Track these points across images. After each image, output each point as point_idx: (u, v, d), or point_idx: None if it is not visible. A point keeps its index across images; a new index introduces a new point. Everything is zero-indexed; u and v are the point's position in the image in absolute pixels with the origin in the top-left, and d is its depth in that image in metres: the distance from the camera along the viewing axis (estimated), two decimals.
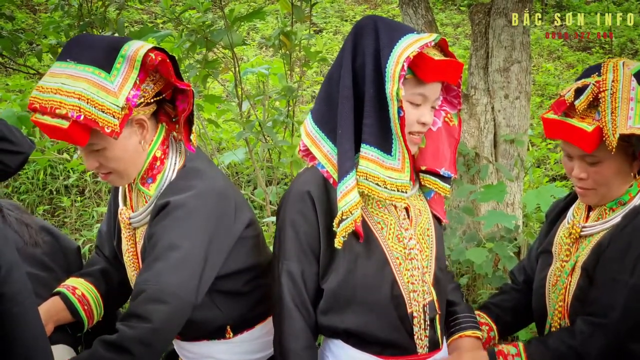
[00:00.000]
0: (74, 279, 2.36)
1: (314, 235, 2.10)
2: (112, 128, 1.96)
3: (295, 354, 2.10)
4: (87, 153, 2.08)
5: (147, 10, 7.85)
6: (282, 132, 4.89)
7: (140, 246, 2.18)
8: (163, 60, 2.03)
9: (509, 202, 4.16)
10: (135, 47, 2.02)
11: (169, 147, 2.18)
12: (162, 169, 2.15)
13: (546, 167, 7.03)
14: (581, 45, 10.38)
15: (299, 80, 4.71)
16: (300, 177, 2.19)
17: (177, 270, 2.02)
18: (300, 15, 4.23)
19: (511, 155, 4.13)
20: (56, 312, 2.26)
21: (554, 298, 2.26)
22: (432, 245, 2.20)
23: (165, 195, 2.11)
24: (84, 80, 1.96)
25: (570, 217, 2.32)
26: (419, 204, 2.21)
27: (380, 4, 11.90)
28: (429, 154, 2.17)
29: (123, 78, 2.00)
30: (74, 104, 1.94)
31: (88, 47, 2.04)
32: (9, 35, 4.89)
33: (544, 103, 8.44)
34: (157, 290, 2.00)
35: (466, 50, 8.94)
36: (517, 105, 4.10)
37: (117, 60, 2.01)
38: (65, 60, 2.02)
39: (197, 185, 2.11)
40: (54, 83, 1.98)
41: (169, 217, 2.06)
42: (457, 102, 2.22)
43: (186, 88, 2.09)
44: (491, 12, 4.11)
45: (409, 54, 1.96)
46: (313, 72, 8.83)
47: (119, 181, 2.17)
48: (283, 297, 2.11)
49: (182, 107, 2.13)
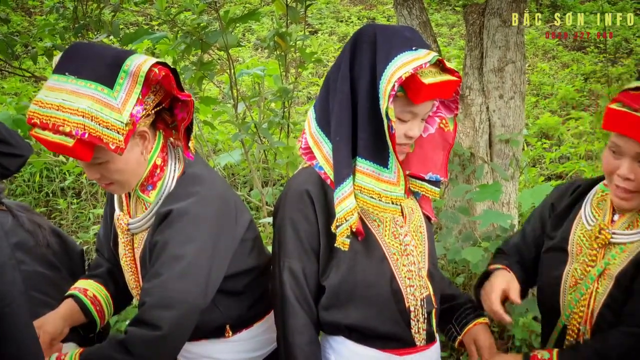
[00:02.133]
0: (84, 281, 2.38)
1: (314, 234, 2.13)
2: (117, 144, 1.94)
3: (300, 348, 2.13)
4: (88, 165, 2.06)
5: (142, 12, 7.84)
6: (277, 133, 4.90)
7: (140, 251, 2.18)
8: (166, 75, 2.02)
9: (504, 202, 4.17)
10: (137, 62, 1.99)
11: (167, 153, 2.18)
12: (162, 176, 2.15)
13: (541, 166, 7.05)
14: (576, 44, 10.40)
15: (295, 82, 4.72)
16: (298, 177, 2.21)
17: (184, 277, 2.04)
18: (295, 16, 4.23)
19: (506, 155, 4.14)
20: (71, 315, 2.28)
21: (572, 300, 2.20)
22: (425, 242, 2.25)
23: (167, 203, 2.11)
24: (87, 97, 1.93)
25: (589, 216, 2.24)
26: (411, 203, 2.25)
27: (375, 5, 11.91)
28: (415, 160, 2.20)
29: (126, 93, 1.97)
30: (78, 121, 1.91)
31: (87, 60, 1.99)
32: (4, 38, 4.89)
33: (539, 103, 8.46)
34: (165, 297, 2.02)
35: (461, 50, 8.96)
36: (512, 105, 4.11)
37: (120, 75, 1.97)
38: (64, 74, 1.97)
39: (198, 191, 2.12)
40: (54, 99, 1.94)
41: (173, 226, 2.06)
42: (454, 107, 2.23)
43: (187, 99, 2.08)
44: (485, 12, 4.12)
45: (402, 74, 1.95)
46: (308, 73, 8.84)
47: (120, 190, 2.17)
48: (286, 294, 2.14)
49: (181, 115, 2.13)
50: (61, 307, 2.28)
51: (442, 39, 10.11)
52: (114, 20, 4.63)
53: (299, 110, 7.55)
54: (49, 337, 2.18)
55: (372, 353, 2.19)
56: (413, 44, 2.04)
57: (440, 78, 2.03)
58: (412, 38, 2.06)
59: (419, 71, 1.98)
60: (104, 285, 2.37)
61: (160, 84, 2.04)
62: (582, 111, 8.25)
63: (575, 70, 9.41)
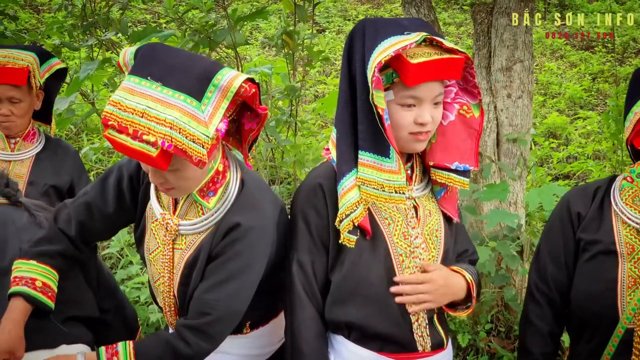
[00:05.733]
0: (26, 262, 2.23)
1: (324, 227, 2.14)
2: (201, 158, 1.90)
3: (306, 342, 2.14)
4: (155, 171, 2.02)
5: (150, 10, 7.85)
6: (285, 131, 4.90)
7: (188, 254, 2.15)
8: (255, 92, 1.98)
9: (511, 201, 4.16)
10: (229, 78, 1.95)
11: (227, 159, 2.17)
12: (223, 182, 2.13)
13: (549, 166, 7.04)
14: (584, 44, 10.37)
15: (302, 80, 4.72)
16: (315, 171, 2.23)
17: (245, 292, 2.11)
18: (303, 14, 4.23)
19: (514, 154, 4.13)
20: (24, 316, 2.17)
21: (636, 301, 2.17)
22: (440, 246, 2.20)
23: (232, 214, 2.11)
24: (175, 109, 1.88)
25: (630, 214, 2.22)
26: (430, 205, 2.21)
27: (382, 4, 11.91)
28: (438, 149, 2.16)
29: (213, 107, 1.93)
30: (166, 132, 1.86)
31: (174, 70, 1.93)
32: (12, 36, 4.90)
33: (546, 102, 8.44)
34: (230, 313, 2.11)
35: (469, 49, 8.94)
36: (520, 104, 4.10)
37: (209, 89, 1.93)
38: (146, 78, 1.92)
39: (260, 203, 2.15)
40: (137, 104, 1.88)
41: (242, 240, 2.08)
42: (476, 92, 2.16)
43: (263, 112, 2.06)
44: (494, 11, 4.11)
45: (381, 59, 1.94)
46: (316, 72, 8.84)
47: (178, 194, 2.14)
48: (294, 286, 2.15)
49: (248, 125, 2.12)
50: (10, 310, 2.16)
51: (450, 38, 10.09)
52: (123, 18, 4.63)
53: (307, 108, 7.55)
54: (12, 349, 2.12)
55: (371, 355, 2.16)
56: (406, 29, 2.00)
57: (433, 57, 1.98)
58: (407, 25, 2.03)
59: (408, 52, 1.96)
60: (51, 265, 2.24)
61: (245, 99, 2.01)
62: (590, 111, 8.23)
63: (583, 69, 9.39)
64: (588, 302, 2.28)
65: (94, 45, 4.76)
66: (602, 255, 2.25)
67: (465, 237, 2.38)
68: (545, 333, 2.38)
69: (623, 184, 2.27)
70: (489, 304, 4.07)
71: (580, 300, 2.31)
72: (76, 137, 7.04)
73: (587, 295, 2.28)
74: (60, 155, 3.34)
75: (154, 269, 2.24)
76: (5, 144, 3.21)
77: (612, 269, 2.22)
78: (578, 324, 2.35)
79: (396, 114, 2.04)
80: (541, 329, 2.38)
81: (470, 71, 2.13)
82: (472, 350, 4.05)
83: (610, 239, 2.24)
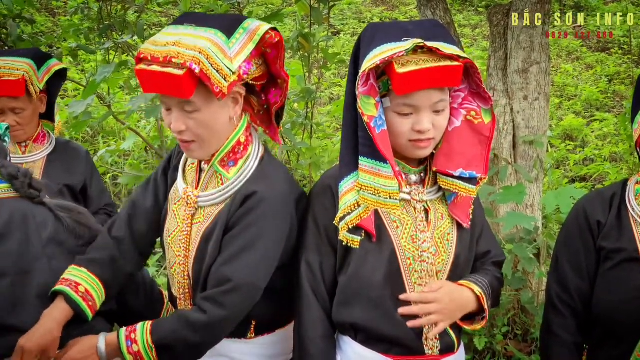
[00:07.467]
0: (77, 268, 2.23)
1: (333, 228, 2.14)
2: (221, 89, 2.00)
3: (313, 342, 2.14)
4: (178, 112, 2.09)
5: (166, 13, 7.88)
6: (300, 134, 4.91)
7: (206, 226, 2.17)
8: (279, 41, 2.11)
9: (528, 204, 4.14)
10: (257, 24, 2.09)
11: (251, 135, 2.23)
12: (245, 154, 2.19)
13: (565, 168, 7.00)
14: (600, 45, 10.32)
15: (318, 82, 4.73)
16: (328, 172, 2.26)
17: (262, 264, 2.10)
18: (318, 17, 4.23)
19: (530, 156, 4.11)
20: (64, 317, 2.16)
21: None
22: (451, 250, 2.17)
23: (251, 183, 2.14)
24: (205, 39, 2.01)
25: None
26: (442, 209, 2.19)
27: (397, 6, 11.89)
28: (441, 155, 2.14)
29: (240, 47, 2.05)
30: (195, 55, 1.96)
31: (207, 17, 2.14)
32: (29, 39, 4.93)
33: (562, 104, 8.40)
34: (247, 284, 2.07)
35: (484, 51, 8.91)
36: (537, 106, 4.08)
37: (238, 30, 2.07)
38: (182, 24, 2.08)
39: (279, 175, 2.19)
40: (171, 37, 2.03)
41: (256, 210, 2.10)
42: (488, 97, 2.12)
43: (285, 78, 2.17)
44: (510, 13, 4.09)
45: (366, 68, 1.96)
46: (331, 74, 8.84)
47: (199, 152, 2.16)
48: (302, 286, 2.16)
49: (274, 100, 2.24)
50: (51, 308, 2.15)
51: (465, 40, 10.07)
52: (139, 21, 4.65)
53: (322, 111, 7.55)
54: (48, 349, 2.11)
55: (377, 357, 2.14)
56: (405, 35, 2.00)
57: (425, 65, 1.95)
58: (410, 30, 2.02)
59: (401, 60, 1.95)
60: (98, 276, 2.24)
61: (268, 53, 2.13)
62: (607, 113, 8.19)
63: (600, 71, 9.34)
64: (613, 311, 2.23)
65: (110, 48, 4.79)
66: (626, 263, 2.19)
67: (489, 238, 2.33)
68: (570, 344, 2.32)
69: (637, 188, 2.24)
70: (506, 306, 4.06)
71: (604, 309, 2.25)
72: (92, 140, 7.08)
73: (612, 303, 2.23)
74: (72, 155, 3.37)
75: (171, 252, 2.25)
76: (16, 147, 3.24)
77: (638, 276, 2.17)
78: (601, 332, 2.30)
79: (393, 121, 2.04)
80: (566, 340, 2.32)
81: (477, 76, 2.10)
82: (489, 354, 4.04)
83: (633, 246, 2.19)
